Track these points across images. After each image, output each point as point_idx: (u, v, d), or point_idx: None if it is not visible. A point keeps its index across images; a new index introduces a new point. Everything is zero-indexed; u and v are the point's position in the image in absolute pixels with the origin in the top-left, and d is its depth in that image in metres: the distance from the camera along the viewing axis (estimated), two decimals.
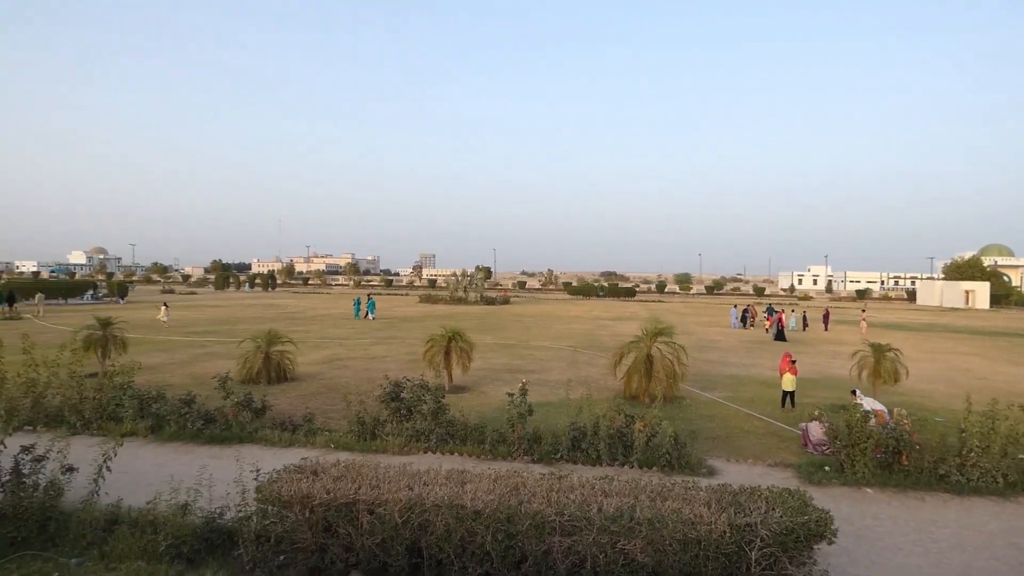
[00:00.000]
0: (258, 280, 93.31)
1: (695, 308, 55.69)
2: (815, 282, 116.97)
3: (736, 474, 8.97)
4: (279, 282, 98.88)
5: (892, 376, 14.35)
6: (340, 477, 5.74)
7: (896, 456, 8.92)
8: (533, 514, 5.05)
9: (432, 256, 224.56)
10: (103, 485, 6.56)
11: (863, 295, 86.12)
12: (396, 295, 74.28)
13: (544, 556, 5.17)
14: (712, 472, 9.10)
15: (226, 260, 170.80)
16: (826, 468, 9.12)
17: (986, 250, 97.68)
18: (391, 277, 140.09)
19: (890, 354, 14.49)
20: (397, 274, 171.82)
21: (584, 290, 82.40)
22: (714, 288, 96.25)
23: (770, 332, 30.60)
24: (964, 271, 77.02)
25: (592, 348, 23.82)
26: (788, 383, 13.62)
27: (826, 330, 34.12)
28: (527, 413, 9.65)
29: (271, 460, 8.22)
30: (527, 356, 21.18)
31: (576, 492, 5.46)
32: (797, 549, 5.16)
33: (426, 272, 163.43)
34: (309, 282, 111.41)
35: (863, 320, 35.38)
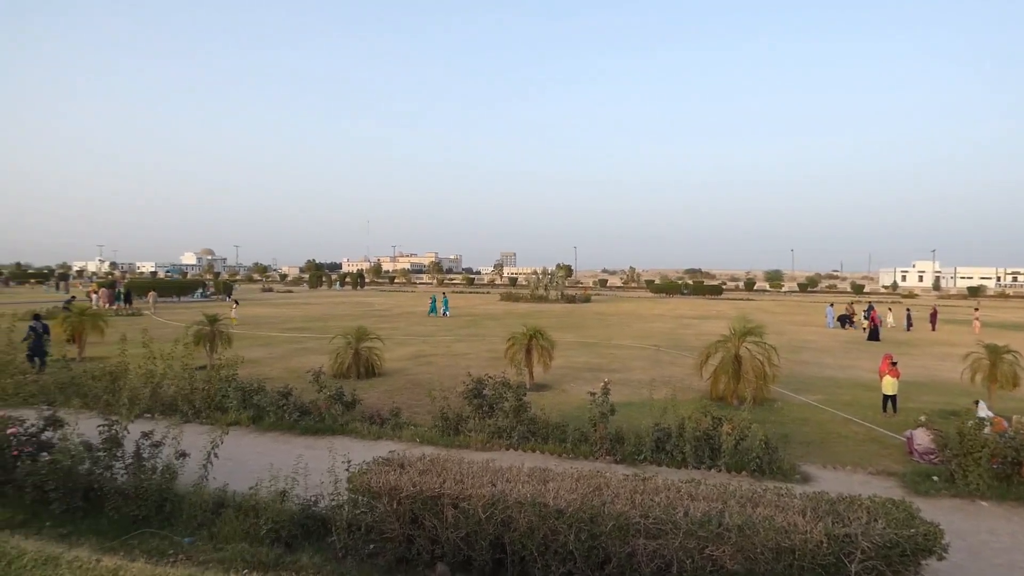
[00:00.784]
0: (348, 279, 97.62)
1: (787, 307, 52.99)
2: (921, 279, 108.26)
3: (833, 482, 8.44)
4: (367, 281, 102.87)
5: (1010, 380, 13.07)
6: (426, 471, 5.88)
7: (1015, 467, 8.12)
8: (617, 515, 4.97)
9: (513, 255, 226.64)
10: (211, 470, 7.06)
11: (976, 292, 78.86)
12: (477, 293, 75.42)
13: (628, 558, 5.07)
14: (806, 479, 8.62)
15: (319, 260, 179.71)
16: (934, 478, 8.43)
17: None
18: (472, 276, 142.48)
19: (1008, 356, 13.19)
20: (478, 273, 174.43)
21: (668, 288, 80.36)
22: (807, 286, 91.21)
23: (868, 332, 28.63)
24: None
25: (676, 347, 23.20)
26: (888, 386, 12.68)
27: (933, 330, 31.46)
28: (609, 413, 9.51)
29: (361, 452, 8.55)
30: (609, 355, 20.91)
31: (661, 495, 5.32)
32: (903, 564, 4.78)
33: (507, 270, 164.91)
34: (395, 281, 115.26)
35: (976, 319, 32.35)
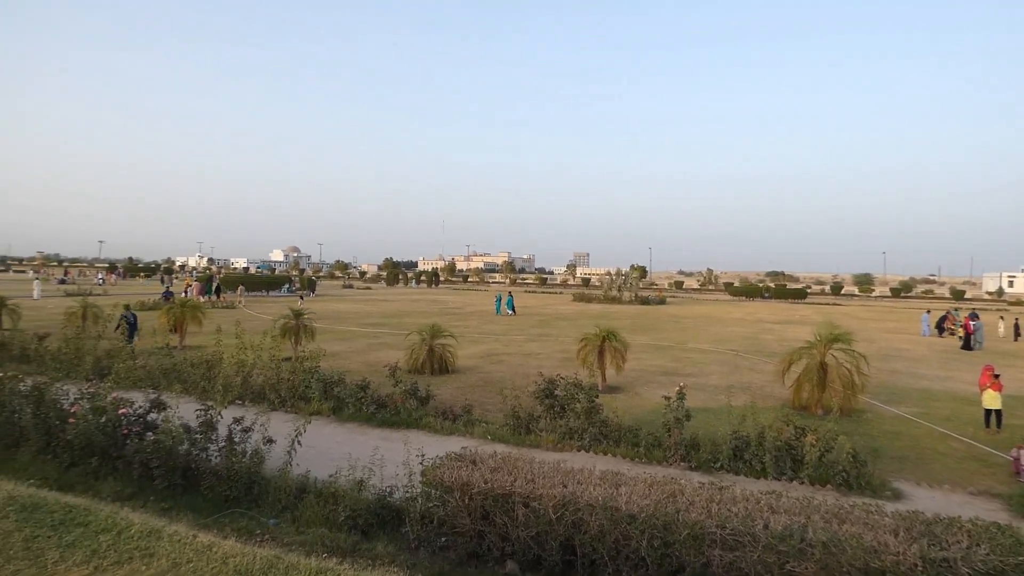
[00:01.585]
0: (423, 277, 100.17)
1: (878, 313, 49.78)
2: None
3: (928, 501, 7.86)
4: (442, 279, 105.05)
5: None
6: (497, 468, 5.94)
7: None
8: (692, 524, 4.83)
9: (586, 255, 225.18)
10: (295, 457, 7.39)
11: None
12: (550, 293, 75.37)
13: (703, 569, 4.92)
14: (898, 496, 8.06)
15: (396, 258, 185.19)
16: None
17: None
18: (545, 275, 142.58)
19: None
20: (551, 272, 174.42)
21: (747, 291, 77.38)
22: (901, 291, 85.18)
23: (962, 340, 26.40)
24: None
25: (756, 353, 22.30)
26: (990, 400, 11.64)
27: None
28: (684, 418, 9.27)
29: (434, 446, 8.74)
30: (684, 359, 20.37)
31: (739, 505, 5.13)
32: None
33: (579, 271, 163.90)
34: (468, 279, 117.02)
35: None
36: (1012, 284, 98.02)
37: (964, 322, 26.42)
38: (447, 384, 14.83)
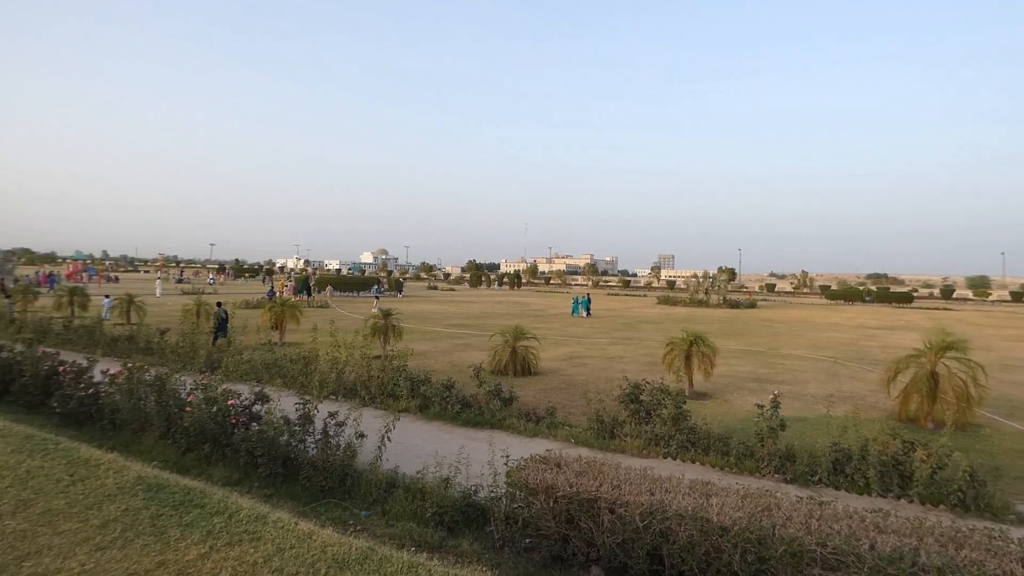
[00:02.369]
0: (506, 279, 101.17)
1: (996, 319, 45.37)
2: None
3: None
4: (524, 281, 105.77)
5: None
6: (582, 472, 5.90)
7: None
8: (789, 540, 4.59)
9: (671, 257, 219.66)
10: (384, 452, 7.68)
11: None
12: (633, 296, 74.11)
13: None
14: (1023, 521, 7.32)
15: (479, 260, 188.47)
16: None
17: None
18: (628, 278, 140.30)
19: None
20: (635, 275, 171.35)
21: (846, 294, 72.74)
22: (1023, 295, 77.27)
23: None
24: None
25: (856, 360, 20.91)
26: None
27: None
28: (779, 428, 8.84)
29: (518, 448, 8.81)
30: (777, 365, 19.42)
31: (842, 522, 4.82)
32: None
33: (664, 273, 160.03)
34: (550, 281, 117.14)
35: None
36: None
37: None
38: (530, 386, 14.90)
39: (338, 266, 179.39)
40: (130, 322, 24.21)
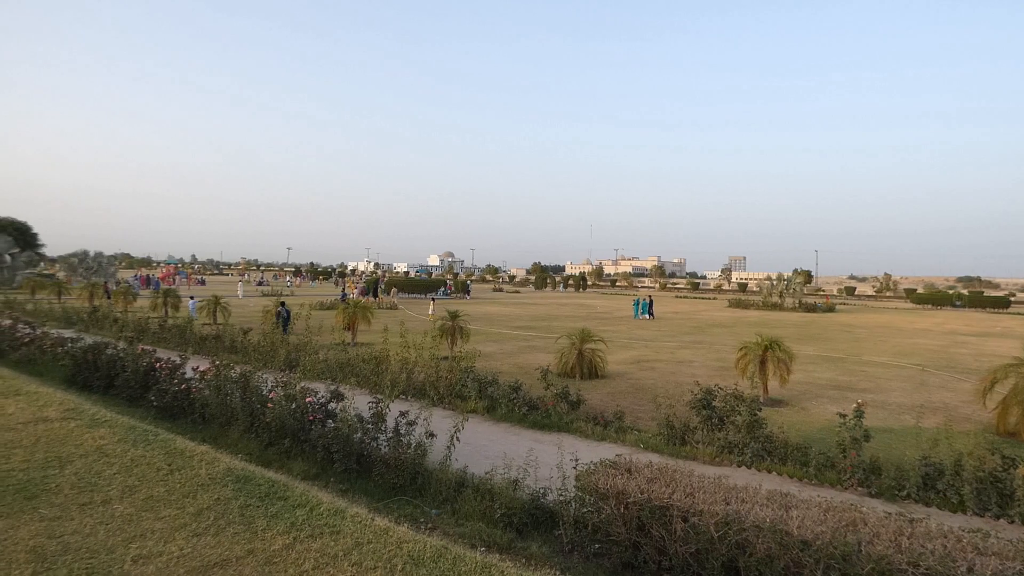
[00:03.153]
0: (571, 281, 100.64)
1: None
2: None
3: None
4: (589, 283, 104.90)
5: None
6: (653, 479, 5.80)
7: None
8: (877, 558, 4.34)
9: (742, 259, 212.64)
10: (453, 451, 7.82)
11: None
12: (702, 299, 72.15)
13: None
14: None
15: (544, 262, 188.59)
16: None
17: None
18: (697, 280, 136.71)
19: None
20: (704, 277, 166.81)
21: (934, 298, 68.11)
22: None
23: None
24: None
25: (947, 369, 19.56)
26: None
27: None
28: (863, 438, 8.39)
29: (586, 451, 8.77)
30: (858, 372, 18.42)
31: (936, 542, 4.52)
32: None
33: (735, 275, 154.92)
34: (616, 284, 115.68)
35: None
36: None
37: None
38: (597, 389, 14.77)
39: (406, 268, 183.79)
40: (216, 322, 25.74)
